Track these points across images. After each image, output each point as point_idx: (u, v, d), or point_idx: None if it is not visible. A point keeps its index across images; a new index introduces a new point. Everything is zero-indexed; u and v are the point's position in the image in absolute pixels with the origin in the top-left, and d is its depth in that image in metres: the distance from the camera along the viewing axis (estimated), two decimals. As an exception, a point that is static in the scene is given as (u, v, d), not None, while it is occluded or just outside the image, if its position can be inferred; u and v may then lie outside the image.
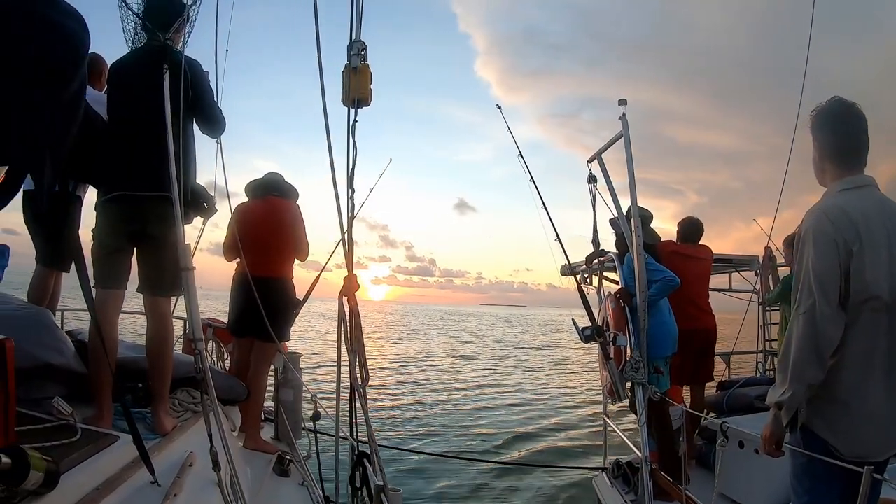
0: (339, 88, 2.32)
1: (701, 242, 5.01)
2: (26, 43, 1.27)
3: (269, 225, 4.09)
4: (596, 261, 4.93)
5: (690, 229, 5.01)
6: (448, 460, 7.93)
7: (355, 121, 2.37)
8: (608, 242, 4.89)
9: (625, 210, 4.32)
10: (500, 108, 4.64)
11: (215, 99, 3.16)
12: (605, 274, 5.23)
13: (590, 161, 4.58)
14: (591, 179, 4.57)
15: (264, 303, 3.54)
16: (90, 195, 3.26)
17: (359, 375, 2.32)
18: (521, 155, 4.43)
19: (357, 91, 2.38)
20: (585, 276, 5.14)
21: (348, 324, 2.34)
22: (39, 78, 1.33)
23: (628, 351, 4.01)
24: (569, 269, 4.92)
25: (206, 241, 3.57)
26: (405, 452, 7.57)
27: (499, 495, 7.12)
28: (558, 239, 4.42)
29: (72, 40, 1.41)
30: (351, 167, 2.32)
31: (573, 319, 4.24)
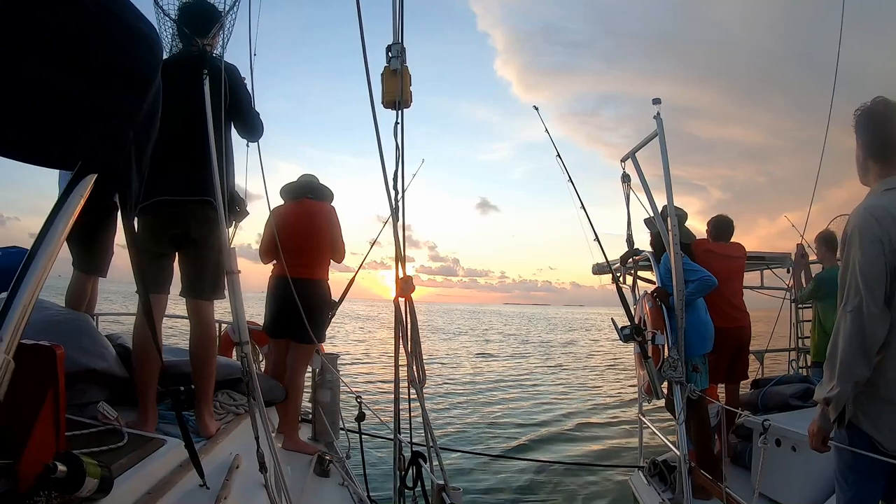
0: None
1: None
2: (116, 49, 1.23)
3: (304, 227, 4.05)
4: (630, 260, 4.86)
5: (722, 227, 4.92)
6: (474, 456, 7.83)
7: (398, 122, 2.32)
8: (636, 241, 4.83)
9: (659, 209, 4.25)
10: (537, 109, 4.57)
11: (252, 103, 3.13)
12: (638, 273, 5.15)
13: (623, 160, 4.50)
14: (625, 178, 4.50)
15: (301, 304, 3.50)
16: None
17: (415, 374, 2.30)
18: (559, 156, 4.37)
19: (398, 93, 2.34)
20: (618, 274, 5.05)
21: (406, 324, 2.32)
22: (126, 84, 1.28)
23: (666, 350, 3.93)
24: (604, 268, 4.84)
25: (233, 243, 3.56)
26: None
27: (530, 492, 7.03)
28: (597, 239, 4.36)
29: (152, 47, 1.37)
30: (395, 170, 2.27)
31: (613, 319, 4.18)
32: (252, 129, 3.10)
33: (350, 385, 4.50)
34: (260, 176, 3.36)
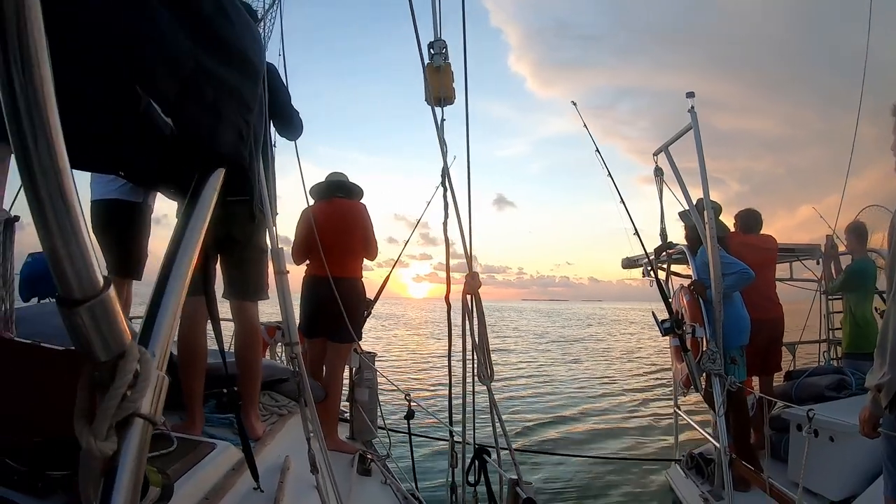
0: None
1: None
2: (237, 32, 1.12)
3: (337, 226, 3.95)
4: (664, 253, 4.75)
5: (751, 220, 4.83)
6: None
7: (443, 119, 2.24)
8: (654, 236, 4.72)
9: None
10: (575, 104, 4.46)
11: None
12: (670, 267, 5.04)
13: (655, 154, 4.40)
14: (658, 172, 4.39)
15: (336, 303, 3.42)
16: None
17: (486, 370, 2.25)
18: (598, 150, 4.30)
19: (441, 89, 2.26)
20: (649, 268, 4.95)
21: (474, 321, 2.27)
22: (246, 72, 1.18)
23: (705, 342, 3.83)
24: (635, 262, 4.73)
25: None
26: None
27: (565, 486, 6.89)
28: (637, 233, 4.26)
29: (257, 34, 1.28)
30: (444, 166, 2.18)
31: (653, 312, 4.07)
32: (293, 127, 3.02)
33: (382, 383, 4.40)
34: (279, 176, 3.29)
